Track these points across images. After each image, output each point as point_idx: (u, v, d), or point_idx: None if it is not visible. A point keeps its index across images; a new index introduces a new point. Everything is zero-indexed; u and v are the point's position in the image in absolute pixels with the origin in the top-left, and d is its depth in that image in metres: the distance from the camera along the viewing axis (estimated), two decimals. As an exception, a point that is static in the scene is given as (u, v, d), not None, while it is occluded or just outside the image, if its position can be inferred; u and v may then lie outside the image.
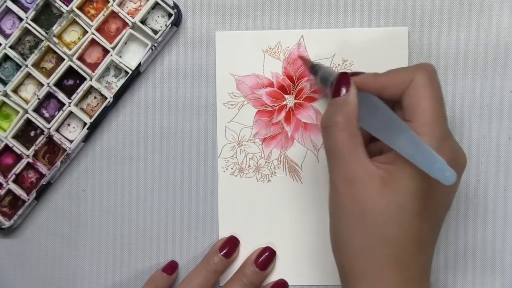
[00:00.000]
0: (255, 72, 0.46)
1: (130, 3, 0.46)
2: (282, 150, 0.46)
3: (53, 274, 0.47)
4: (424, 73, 0.35)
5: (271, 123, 0.46)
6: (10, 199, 0.46)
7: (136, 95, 0.47)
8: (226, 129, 0.46)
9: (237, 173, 0.46)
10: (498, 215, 0.45)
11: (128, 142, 0.47)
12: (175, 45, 0.47)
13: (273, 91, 0.46)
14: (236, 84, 0.46)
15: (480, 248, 0.45)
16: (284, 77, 0.46)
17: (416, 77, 0.35)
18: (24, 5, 0.46)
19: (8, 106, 0.46)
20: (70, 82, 0.46)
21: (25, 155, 0.45)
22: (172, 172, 0.46)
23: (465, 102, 0.46)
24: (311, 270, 0.46)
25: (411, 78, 0.35)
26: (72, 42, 0.46)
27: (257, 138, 0.46)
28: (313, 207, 0.46)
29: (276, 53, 0.46)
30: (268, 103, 0.46)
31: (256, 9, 0.46)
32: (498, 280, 0.45)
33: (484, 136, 0.46)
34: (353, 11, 0.46)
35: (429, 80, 0.35)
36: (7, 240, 0.47)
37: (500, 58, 0.46)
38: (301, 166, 0.46)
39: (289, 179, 0.46)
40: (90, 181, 0.47)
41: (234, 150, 0.46)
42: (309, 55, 0.46)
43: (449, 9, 0.46)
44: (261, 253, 0.45)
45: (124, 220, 0.46)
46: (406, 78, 0.35)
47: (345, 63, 0.46)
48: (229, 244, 0.45)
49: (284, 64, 0.46)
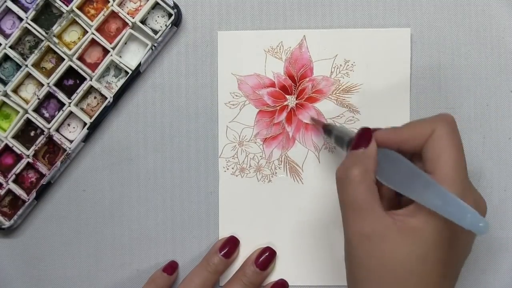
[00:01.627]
0: (257, 72, 0.46)
1: (130, 3, 0.46)
2: (283, 150, 0.46)
3: (53, 274, 0.47)
4: (445, 124, 0.35)
5: (272, 123, 0.46)
6: (10, 199, 0.46)
7: (136, 95, 0.47)
8: (228, 129, 0.46)
9: (238, 173, 0.46)
10: (498, 215, 0.45)
11: (128, 142, 0.47)
12: (175, 45, 0.47)
13: (275, 91, 0.46)
14: (238, 84, 0.46)
15: (480, 248, 0.45)
16: (285, 77, 0.46)
17: (437, 129, 0.34)
18: (24, 5, 0.46)
19: (8, 106, 0.46)
20: (70, 82, 0.46)
21: (25, 155, 0.45)
22: (172, 172, 0.46)
23: (465, 102, 0.46)
24: (311, 270, 0.46)
25: (432, 130, 0.34)
26: (72, 42, 0.46)
27: (258, 138, 0.46)
28: (313, 208, 0.46)
29: (278, 53, 0.46)
30: (270, 103, 0.46)
31: (256, 9, 0.46)
32: (498, 280, 0.45)
33: (484, 136, 0.46)
34: (353, 11, 0.46)
35: (451, 130, 0.34)
36: (7, 240, 0.47)
37: (500, 58, 0.46)
38: (302, 167, 0.46)
39: (290, 180, 0.46)
40: (90, 181, 0.47)
41: (235, 150, 0.46)
42: (311, 56, 0.46)
43: (449, 9, 0.46)
44: (261, 253, 0.45)
45: (124, 220, 0.46)
46: (427, 130, 0.35)
47: (347, 63, 0.46)
48: (229, 244, 0.45)
49: (286, 64, 0.46)
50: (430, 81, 0.46)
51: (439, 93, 0.46)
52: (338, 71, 0.46)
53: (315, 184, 0.46)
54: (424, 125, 0.35)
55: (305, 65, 0.46)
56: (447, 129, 0.34)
